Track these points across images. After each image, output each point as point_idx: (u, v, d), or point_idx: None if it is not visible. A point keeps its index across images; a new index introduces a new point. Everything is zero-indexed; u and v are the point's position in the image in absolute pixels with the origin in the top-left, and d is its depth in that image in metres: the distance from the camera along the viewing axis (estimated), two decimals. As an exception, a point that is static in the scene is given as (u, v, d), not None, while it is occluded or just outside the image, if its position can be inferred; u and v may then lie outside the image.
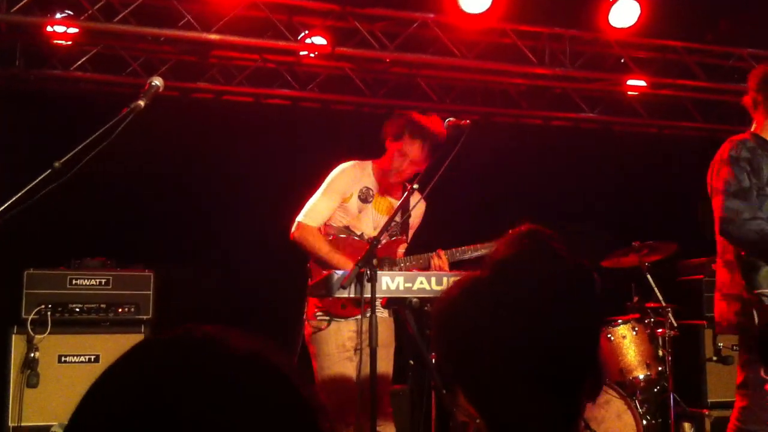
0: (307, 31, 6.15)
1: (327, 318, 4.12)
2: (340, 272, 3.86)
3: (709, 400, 5.76)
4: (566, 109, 7.48)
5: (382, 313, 4.09)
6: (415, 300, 3.91)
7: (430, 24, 6.19)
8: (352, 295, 3.88)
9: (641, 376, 4.93)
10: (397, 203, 4.15)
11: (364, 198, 4.20)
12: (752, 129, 3.91)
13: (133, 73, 6.48)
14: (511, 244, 1.50)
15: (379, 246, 3.85)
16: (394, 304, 3.91)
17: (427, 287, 3.88)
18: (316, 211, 4.13)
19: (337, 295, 3.86)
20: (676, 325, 5.19)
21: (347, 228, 4.16)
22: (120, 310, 5.50)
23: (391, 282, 3.95)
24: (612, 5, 5.96)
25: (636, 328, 5.03)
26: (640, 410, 4.84)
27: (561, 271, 1.44)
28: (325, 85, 7.01)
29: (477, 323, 1.39)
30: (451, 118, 4.14)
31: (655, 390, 5.07)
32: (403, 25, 6.23)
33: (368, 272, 3.84)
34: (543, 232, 1.53)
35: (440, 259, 4.09)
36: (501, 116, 7.48)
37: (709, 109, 7.59)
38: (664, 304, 5.27)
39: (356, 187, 4.19)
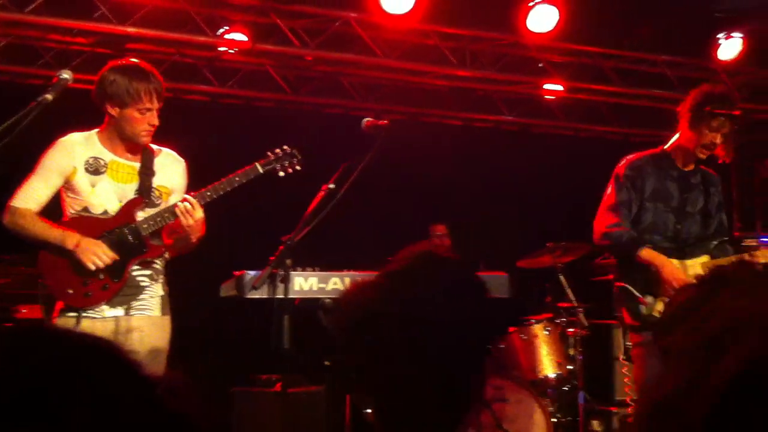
0: (227, 27, 6.07)
1: (75, 314, 3.55)
2: (252, 273, 3.81)
3: (617, 398, 5.92)
4: (487, 110, 7.58)
5: (152, 312, 3.68)
6: (328, 300, 3.89)
7: (352, 23, 6.18)
8: (264, 296, 3.84)
9: (552, 375, 5.03)
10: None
11: (94, 170, 3.65)
12: (667, 144, 4.15)
13: (45, 65, 6.28)
14: (406, 259, 1.53)
15: (116, 214, 3.60)
16: (308, 304, 3.88)
17: (342, 287, 3.87)
18: (27, 192, 3.58)
19: (249, 296, 3.81)
20: (587, 324, 5.32)
21: (85, 209, 3.61)
22: None
23: (304, 282, 3.93)
24: (531, 10, 6.04)
25: (548, 328, 5.13)
26: (551, 408, 4.94)
27: (453, 279, 1.47)
28: (246, 81, 6.93)
29: (381, 329, 1.40)
30: (369, 118, 4.13)
31: (566, 388, 5.18)
32: (325, 23, 6.20)
33: (281, 273, 3.81)
34: (435, 255, 1.57)
35: (189, 204, 3.65)
36: (424, 116, 7.53)
37: (624, 113, 7.79)
38: (576, 304, 5.40)
39: (79, 160, 3.63)
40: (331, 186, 4.01)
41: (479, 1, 6.27)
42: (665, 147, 4.22)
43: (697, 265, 4.00)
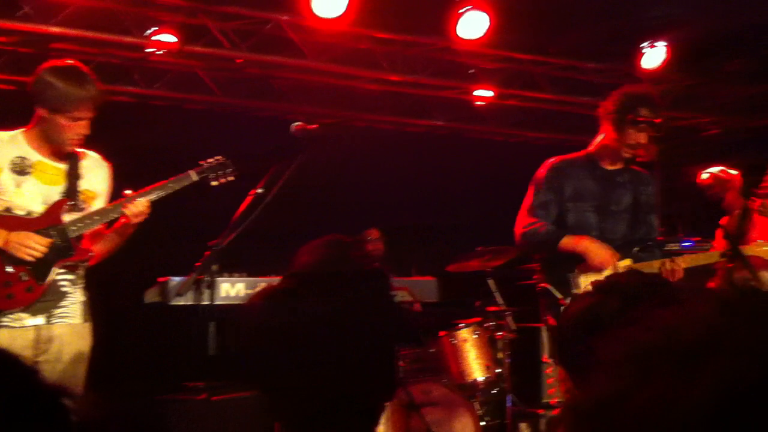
0: (155, 28, 5.95)
1: None
2: (177, 279, 3.76)
3: (544, 401, 6.01)
4: (419, 115, 7.62)
5: (73, 319, 3.59)
6: (255, 307, 3.85)
7: (283, 25, 6.13)
8: (190, 303, 3.79)
9: (481, 378, 5.08)
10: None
11: (20, 170, 3.56)
12: (591, 145, 4.21)
13: (-36, 64, 6.07)
14: (312, 253, 1.51)
15: (41, 215, 3.52)
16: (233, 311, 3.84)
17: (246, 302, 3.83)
18: None
19: (173, 303, 3.76)
20: (514, 328, 5.39)
21: (8, 210, 3.51)
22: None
23: (231, 288, 3.90)
24: (461, 16, 6.09)
25: (477, 332, 5.17)
26: (480, 411, 4.99)
27: (358, 278, 1.47)
28: (176, 83, 6.82)
29: (276, 331, 1.38)
30: (299, 122, 4.11)
31: (494, 391, 5.24)
32: (256, 25, 6.14)
33: (207, 278, 3.76)
34: (344, 241, 1.56)
35: (132, 203, 3.60)
36: (355, 120, 7.53)
37: (553, 119, 7.93)
38: (504, 307, 5.46)
39: (4, 159, 3.53)
40: (260, 190, 3.98)
41: (411, 6, 6.29)
42: (589, 148, 4.27)
43: (619, 269, 4.04)
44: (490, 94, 7.11)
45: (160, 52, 6.10)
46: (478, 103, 7.48)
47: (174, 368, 4.69)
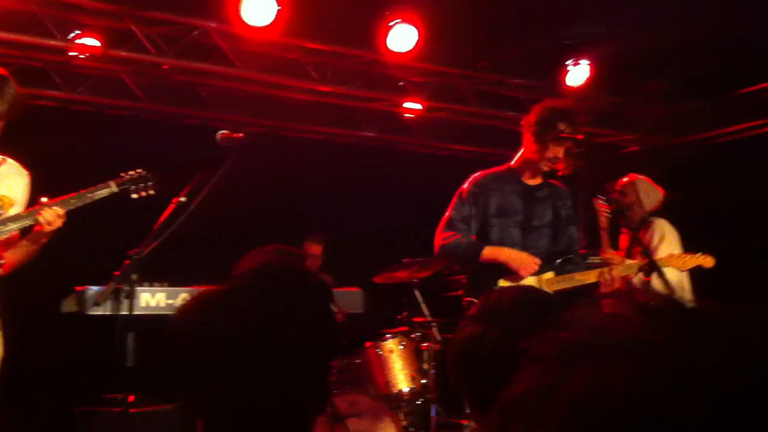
0: (79, 31, 5.81)
1: None
2: (95, 288, 3.66)
3: (468, 411, 6.04)
4: (349, 126, 7.63)
5: None
6: (176, 317, 3.77)
7: (211, 32, 6.06)
8: (108, 313, 3.70)
9: (406, 389, 5.08)
10: None
11: None
12: (513, 160, 4.26)
13: None
14: (253, 260, 1.49)
15: None
16: (154, 321, 3.76)
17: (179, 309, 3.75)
18: None
19: (91, 313, 3.66)
20: (440, 339, 5.42)
21: None
22: None
23: (151, 298, 3.81)
24: (391, 29, 6.13)
25: (403, 343, 5.18)
26: (404, 422, 4.99)
27: (298, 287, 1.44)
28: (99, 88, 6.66)
29: (211, 337, 1.35)
30: (225, 131, 4.07)
31: (419, 402, 5.25)
32: (183, 32, 6.05)
33: (126, 288, 3.68)
34: (287, 250, 1.54)
35: (46, 211, 3.51)
36: (284, 130, 7.48)
37: (479, 133, 8.04)
38: (430, 318, 5.49)
39: None
40: (183, 199, 3.92)
41: (341, 17, 6.30)
42: (511, 163, 4.32)
43: (542, 282, 4.09)
44: (418, 107, 7.16)
45: (84, 56, 5.95)
46: (407, 115, 7.52)
47: (92, 380, 4.56)
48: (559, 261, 4.17)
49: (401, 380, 5.06)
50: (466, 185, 4.26)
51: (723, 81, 7.46)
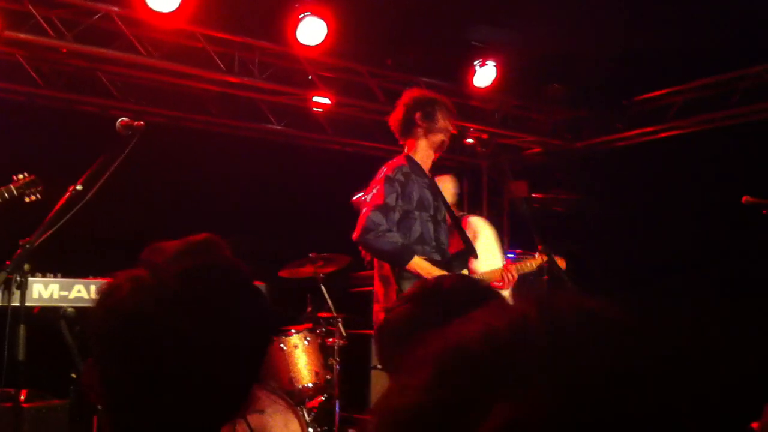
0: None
1: None
2: (-18, 278, 3.48)
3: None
4: (255, 119, 7.51)
5: None
6: (70, 309, 3.64)
7: (114, 17, 5.85)
8: (-2, 304, 3.52)
9: (310, 385, 5.04)
10: None
11: None
12: (405, 151, 4.22)
13: None
14: (174, 248, 1.42)
15: None
16: (47, 313, 3.60)
17: (86, 296, 3.63)
18: None
19: (-23, 304, 3.48)
20: (345, 334, 5.40)
21: None
22: None
23: (44, 289, 3.66)
24: (300, 21, 6.07)
25: (308, 338, 5.14)
26: (308, 418, 4.95)
27: (234, 280, 1.39)
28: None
29: (141, 327, 1.27)
30: (124, 118, 3.94)
31: (323, 398, 5.22)
32: (84, 15, 5.82)
33: (17, 278, 3.52)
34: (218, 241, 1.48)
35: None
36: (188, 121, 7.31)
37: (388, 129, 8.06)
38: (335, 314, 5.47)
39: None
40: (79, 187, 3.77)
41: (250, 8, 6.20)
42: (410, 153, 4.24)
43: None
44: (327, 101, 7.12)
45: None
46: (316, 109, 7.48)
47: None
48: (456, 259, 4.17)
49: (305, 376, 5.02)
50: (392, 173, 4.10)
51: (621, 88, 7.76)
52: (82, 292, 3.55)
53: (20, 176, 4.13)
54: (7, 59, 6.33)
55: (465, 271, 4.14)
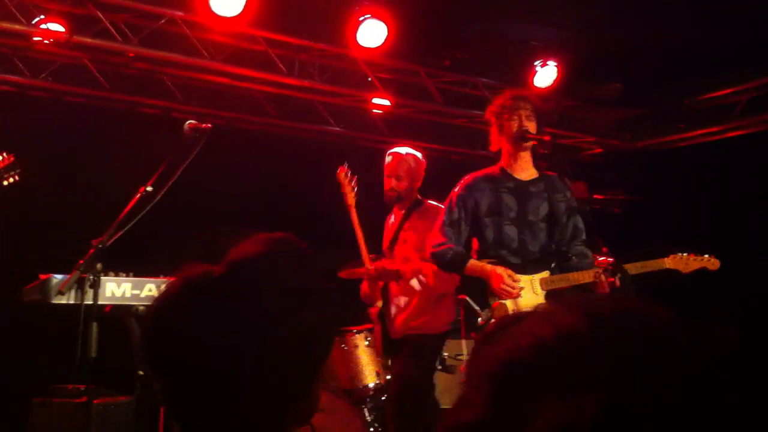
0: (43, 16, 5.68)
1: None
2: (59, 276, 3.59)
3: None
4: (313, 120, 7.58)
5: None
6: (141, 308, 3.72)
7: (178, 21, 5.97)
8: (71, 302, 3.62)
9: (371, 385, 5.05)
10: None
11: None
12: (500, 159, 4.27)
13: None
14: (257, 246, 1.42)
15: None
16: (119, 311, 3.70)
17: (157, 294, 3.70)
18: None
19: (54, 302, 3.59)
20: (405, 335, 5.39)
21: None
22: None
23: (117, 288, 3.74)
24: (360, 24, 6.11)
25: (369, 338, 5.15)
26: (369, 418, 4.97)
27: (307, 276, 1.39)
28: (60, 74, 6.52)
29: (201, 324, 1.29)
30: (192, 121, 4.02)
31: (384, 398, 5.22)
32: (149, 20, 5.95)
33: (90, 277, 3.61)
34: (293, 239, 1.47)
35: None
36: (247, 123, 7.41)
37: (445, 131, 8.06)
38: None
39: None
40: (149, 188, 3.86)
41: (309, 11, 6.26)
42: (500, 161, 4.29)
43: (536, 281, 4.06)
44: (387, 102, 7.14)
45: (48, 42, 5.82)
46: (375, 111, 7.51)
47: (54, 369, 4.47)
48: (555, 261, 4.13)
49: (366, 376, 5.03)
50: (456, 189, 4.28)
51: (683, 87, 7.62)
52: (153, 291, 3.63)
53: (1, 157, 4.20)
54: (73, 63, 6.50)
55: (546, 273, 4.10)
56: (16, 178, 4.02)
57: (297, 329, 1.30)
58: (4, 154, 4.03)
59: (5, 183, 4.00)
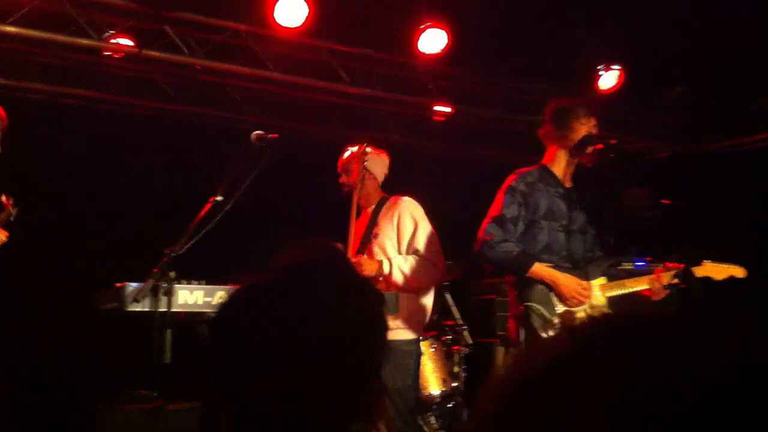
0: (113, 31, 5.84)
1: None
2: (133, 284, 3.66)
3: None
4: (372, 128, 7.61)
5: None
6: (213, 314, 3.77)
7: (242, 34, 6.08)
8: (146, 309, 3.70)
9: (437, 392, 5.05)
10: None
11: None
12: (543, 161, 4.19)
13: None
14: (302, 253, 1.46)
15: None
16: (191, 318, 3.75)
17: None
18: None
19: (129, 309, 3.66)
20: (471, 342, 5.39)
21: None
22: None
23: (189, 296, 3.80)
24: (422, 32, 6.14)
25: (434, 345, 5.15)
26: (435, 425, 4.97)
27: (353, 283, 1.41)
28: (127, 87, 6.69)
29: (251, 331, 1.31)
30: (260, 131, 4.09)
31: (450, 405, 5.22)
32: (214, 33, 6.07)
33: (164, 285, 3.68)
34: (336, 246, 1.52)
35: None
36: (308, 132, 7.49)
37: (503, 137, 8.01)
38: (460, 322, 5.46)
39: None
40: (219, 198, 3.92)
41: (369, 21, 6.30)
42: (545, 163, 4.21)
43: (596, 287, 4.01)
44: (448, 110, 7.14)
45: (118, 56, 5.98)
46: (437, 118, 7.51)
47: (127, 375, 4.57)
48: (608, 265, 4.09)
49: (432, 383, 5.03)
50: (514, 183, 4.09)
51: (749, 89, 7.44)
52: (224, 298, 3.69)
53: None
54: (139, 76, 6.67)
55: (603, 279, 4.05)
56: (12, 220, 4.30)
57: (352, 321, 1.33)
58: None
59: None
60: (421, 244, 4.41)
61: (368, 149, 4.87)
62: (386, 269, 4.37)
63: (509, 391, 0.70)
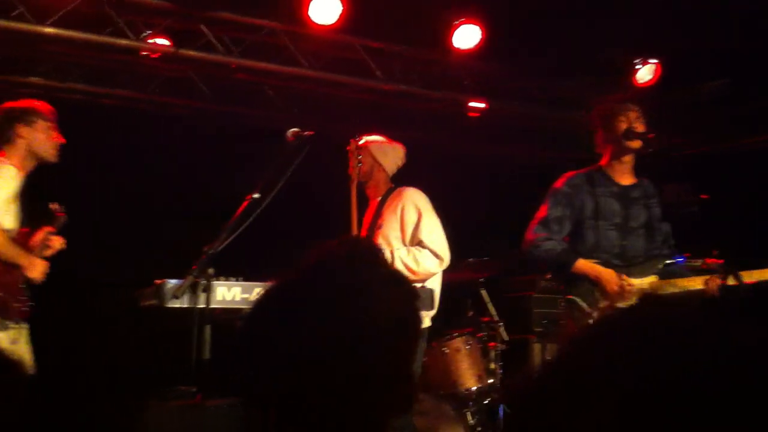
0: (150, 31, 5.91)
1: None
2: (173, 281, 3.71)
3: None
4: (410, 126, 7.60)
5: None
6: (250, 311, 3.81)
7: (278, 32, 6.12)
8: (185, 306, 3.75)
9: (473, 388, 5.05)
10: None
11: None
12: (600, 162, 4.21)
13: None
14: (330, 250, 1.46)
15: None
16: (229, 314, 3.80)
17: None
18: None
19: (169, 305, 3.71)
20: (507, 338, 5.38)
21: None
22: None
23: (227, 292, 3.85)
24: (457, 28, 6.12)
25: (470, 342, 5.16)
26: (471, 421, 4.96)
27: (382, 278, 1.41)
28: (164, 87, 6.78)
29: (281, 328, 1.32)
30: (295, 129, 4.12)
31: (486, 401, 5.21)
32: (249, 32, 6.12)
33: (203, 282, 3.73)
34: (366, 241, 1.52)
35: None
36: (344, 129, 7.49)
37: (543, 134, 7.96)
38: (496, 318, 5.45)
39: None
40: (256, 195, 3.96)
41: (403, 16, 6.30)
42: (601, 164, 4.25)
43: (645, 285, 4.01)
44: (482, 105, 7.10)
45: (155, 56, 6.05)
46: (472, 114, 7.47)
47: (168, 371, 4.64)
48: (662, 265, 4.08)
49: (468, 379, 5.04)
50: (559, 185, 4.19)
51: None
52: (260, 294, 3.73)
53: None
54: (175, 76, 6.74)
55: (653, 278, 4.02)
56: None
57: (388, 315, 1.33)
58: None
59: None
60: (424, 234, 4.45)
61: (360, 143, 4.93)
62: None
63: (537, 377, 0.73)
